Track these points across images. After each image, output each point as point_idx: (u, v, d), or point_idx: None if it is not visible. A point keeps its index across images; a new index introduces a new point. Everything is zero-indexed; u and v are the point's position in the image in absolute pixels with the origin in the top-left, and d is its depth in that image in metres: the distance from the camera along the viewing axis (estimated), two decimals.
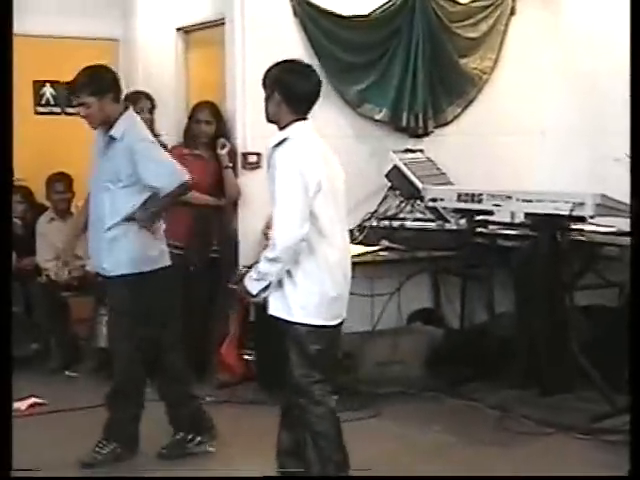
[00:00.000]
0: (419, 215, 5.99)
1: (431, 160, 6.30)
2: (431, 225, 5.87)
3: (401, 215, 6.02)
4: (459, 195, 5.58)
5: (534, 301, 5.33)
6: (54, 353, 6.28)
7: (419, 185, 5.95)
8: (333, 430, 3.78)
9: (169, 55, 6.84)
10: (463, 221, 5.71)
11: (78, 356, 6.34)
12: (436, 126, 6.48)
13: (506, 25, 6.76)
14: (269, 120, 3.83)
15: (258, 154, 5.83)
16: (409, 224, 5.92)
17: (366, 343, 5.83)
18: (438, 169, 6.26)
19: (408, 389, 5.64)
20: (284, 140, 3.72)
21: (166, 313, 4.57)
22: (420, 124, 6.35)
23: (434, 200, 5.76)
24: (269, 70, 3.84)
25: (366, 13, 6.23)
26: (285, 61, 3.86)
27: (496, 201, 5.38)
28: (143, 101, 6.03)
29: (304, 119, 3.78)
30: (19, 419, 4.95)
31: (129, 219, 4.38)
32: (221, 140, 5.90)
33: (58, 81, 7.24)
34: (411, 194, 6.01)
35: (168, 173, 4.38)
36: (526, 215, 5.28)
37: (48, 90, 7.38)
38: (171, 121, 6.51)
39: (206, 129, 5.93)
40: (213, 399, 5.44)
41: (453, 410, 5.38)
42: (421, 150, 6.34)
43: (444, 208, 5.80)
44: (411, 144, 6.37)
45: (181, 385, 4.64)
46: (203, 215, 5.88)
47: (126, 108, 4.51)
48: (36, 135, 7.06)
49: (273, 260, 3.65)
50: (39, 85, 7.35)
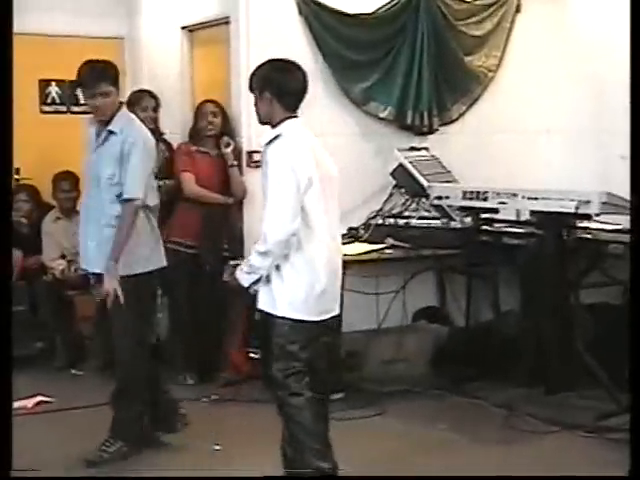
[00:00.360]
0: (424, 213, 5.98)
1: (436, 158, 6.29)
2: (436, 223, 5.85)
3: (406, 213, 6.02)
4: (464, 193, 5.56)
5: (540, 299, 5.32)
6: (59, 351, 6.29)
7: (424, 183, 5.94)
8: (313, 420, 3.79)
9: (174, 54, 6.83)
10: (468, 219, 5.69)
11: (83, 354, 6.35)
12: (441, 124, 6.47)
13: (511, 23, 6.74)
14: (261, 121, 3.89)
15: None
16: (414, 222, 5.91)
17: (371, 341, 5.83)
18: (443, 167, 6.24)
19: (413, 387, 5.63)
20: (276, 137, 3.77)
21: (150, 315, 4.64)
22: (425, 122, 6.34)
23: (439, 198, 5.75)
24: (255, 72, 3.90)
25: (371, 11, 6.23)
26: (270, 60, 3.92)
27: (501, 199, 5.37)
28: (148, 99, 6.05)
29: (295, 117, 3.83)
30: (25, 417, 4.98)
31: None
32: (225, 138, 5.90)
33: (64, 80, 7.23)
34: (416, 192, 6.00)
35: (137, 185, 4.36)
36: (532, 213, 5.25)
37: (54, 89, 7.38)
38: (176, 119, 6.51)
39: (213, 121, 5.92)
40: (218, 397, 5.46)
41: (458, 408, 5.37)
42: (426, 148, 6.33)
43: (449, 206, 5.78)
44: (416, 142, 6.36)
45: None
46: (213, 214, 5.88)
47: (120, 105, 4.53)
48: (42, 134, 7.09)
49: (264, 254, 3.69)
50: (45, 84, 7.35)
